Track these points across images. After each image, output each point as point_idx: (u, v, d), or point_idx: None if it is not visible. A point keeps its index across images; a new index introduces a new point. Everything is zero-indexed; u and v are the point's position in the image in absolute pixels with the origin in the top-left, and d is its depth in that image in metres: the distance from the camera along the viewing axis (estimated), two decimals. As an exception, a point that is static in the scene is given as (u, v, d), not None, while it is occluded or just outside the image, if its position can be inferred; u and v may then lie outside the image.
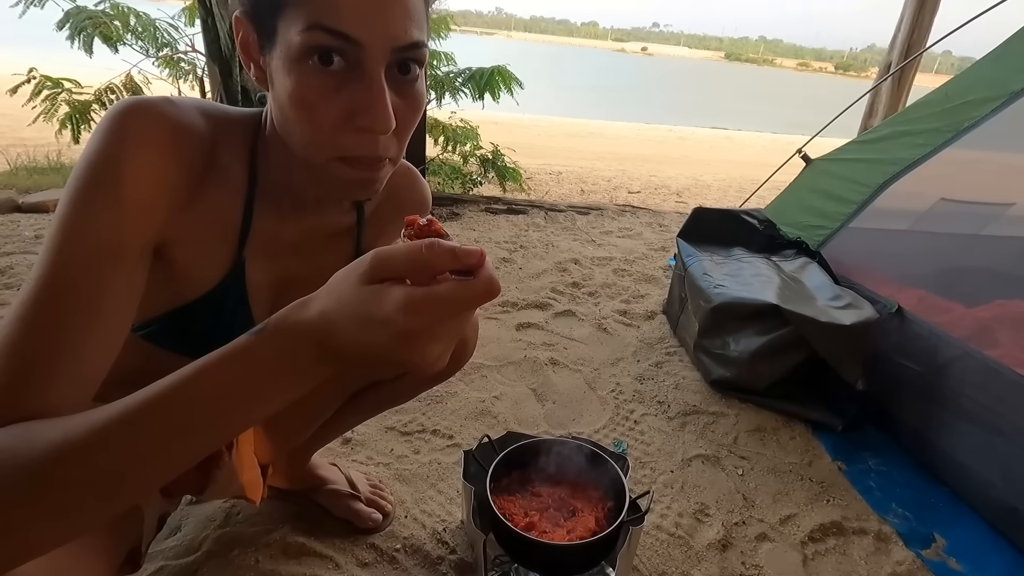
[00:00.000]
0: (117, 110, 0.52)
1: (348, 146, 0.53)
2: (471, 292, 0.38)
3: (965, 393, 1.28)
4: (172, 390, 0.40)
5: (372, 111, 0.50)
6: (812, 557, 1.12)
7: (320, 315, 0.39)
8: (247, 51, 0.55)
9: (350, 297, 0.38)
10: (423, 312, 0.37)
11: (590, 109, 12.96)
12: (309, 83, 0.50)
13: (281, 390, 0.42)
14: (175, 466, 0.42)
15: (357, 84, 0.50)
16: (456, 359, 0.90)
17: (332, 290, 0.40)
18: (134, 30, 3.14)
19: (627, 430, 1.45)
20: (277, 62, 0.51)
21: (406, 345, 0.38)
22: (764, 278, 1.69)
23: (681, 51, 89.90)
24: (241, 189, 0.62)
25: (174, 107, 0.55)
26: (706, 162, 6.94)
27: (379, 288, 0.38)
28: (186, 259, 0.61)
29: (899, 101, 3.91)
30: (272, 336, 0.40)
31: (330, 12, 0.48)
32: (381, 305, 0.37)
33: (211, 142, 0.58)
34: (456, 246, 0.39)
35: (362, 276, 0.39)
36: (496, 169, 3.73)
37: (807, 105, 20.63)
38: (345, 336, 0.39)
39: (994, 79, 1.60)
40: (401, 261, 0.38)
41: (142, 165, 0.52)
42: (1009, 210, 1.74)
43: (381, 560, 1.01)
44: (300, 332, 0.40)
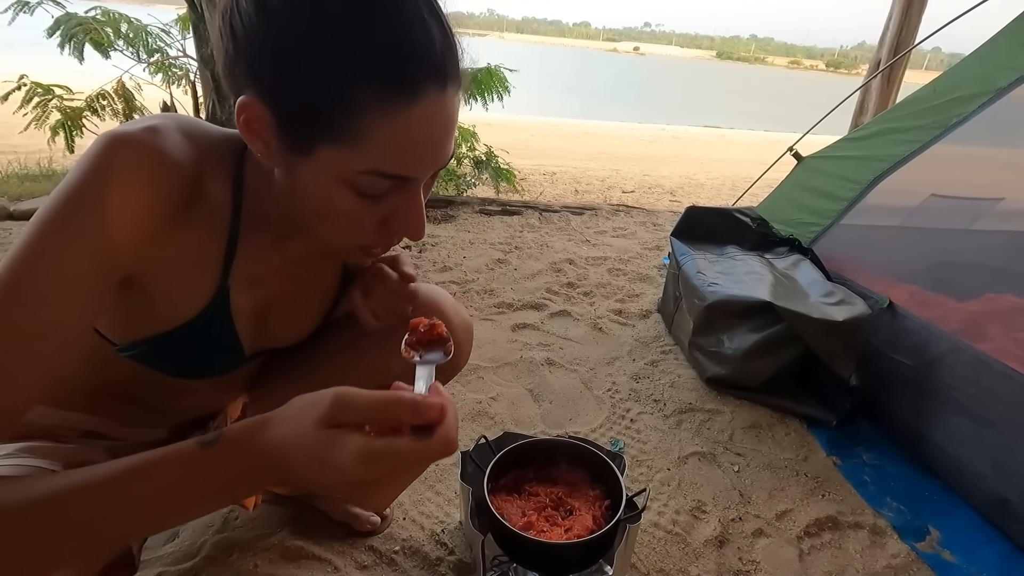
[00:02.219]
0: (100, 144, 0.51)
1: (373, 241, 0.56)
2: (426, 452, 0.39)
3: (956, 386, 1.29)
4: (109, 480, 0.41)
5: (412, 226, 0.54)
6: (808, 552, 1.13)
7: (277, 444, 0.40)
8: (252, 132, 0.51)
9: (308, 437, 0.39)
10: (377, 465, 0.38)
11: (583, 109, 12.99)
12: (350, 204, 0.51)
13: (224, 500, 0.43)
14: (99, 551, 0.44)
15: (397, 199, 0.52)
16: (450, 368, 0.90)
17: (292, 421, 0.41)
18: (125, 36, 3.13)
19: (623, 429, 1.45)
20: (307, 171, 0.50)
21: (356, 492, 0.40)
22: (757, 276, 1.71)
23: (673, 50, 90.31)
24: (225, 217, 0.60)
25: (158, 138, 0.54)
26: (699, 161, 6.97)
27: (336, 434, 0.39)
28: (167, 288, 0.60)
29: (889, 98, 3.93)
30: (225, 451, 0.41)
31: (391, 161, 0.49)
32: (337, 452, 0.38)
33: (196, 170, 0.57)
34: (420, 400, 0.40)
35: (322, 418, 0.39)
36: (490, 170, 3.74)
37: (799, 103, 20.74)
38: (297, 470, 0.40)
39: (981, 75, 1.62)
40: (363, 410, 0.39)
41: (112, 202, 0.51)
42: (998, 205, 1.75)
43: (380, 562, 1.02)
44: (254, 454, 0.41)
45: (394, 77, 0.46)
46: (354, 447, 0.38)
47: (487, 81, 3.49)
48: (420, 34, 0.47)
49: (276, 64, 0.47)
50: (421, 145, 0.50)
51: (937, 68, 13.85)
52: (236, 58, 0.49)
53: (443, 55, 0.49)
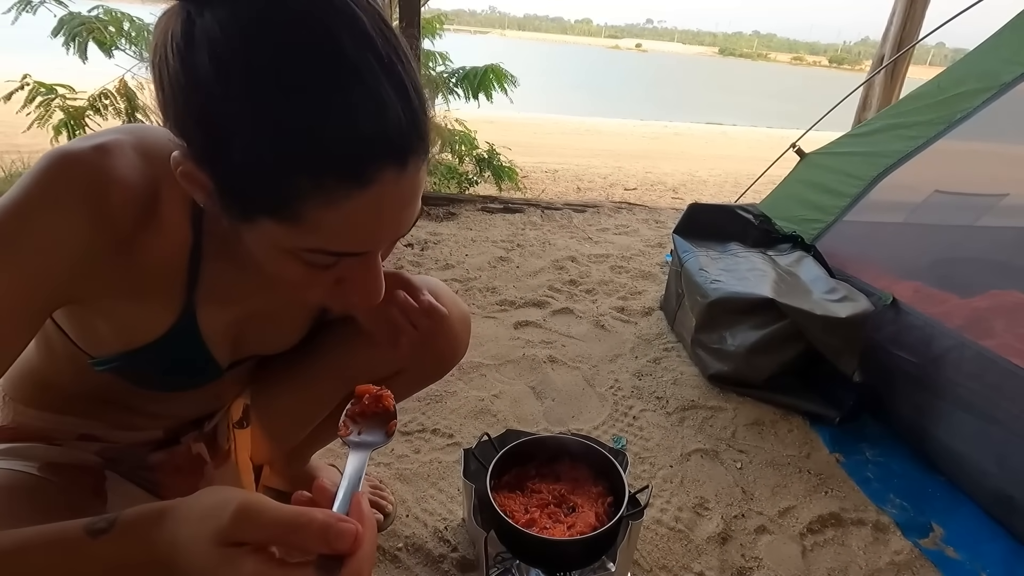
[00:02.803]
0: (46, 162, 0.49)
1: (328, 300, 0.52)
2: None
3: (960, 383, 1.29)
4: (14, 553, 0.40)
5: (366, 292, 0.50)
6: (811, 548, 1.13)
7: (169, 544, 0.38)
8: (191, 183, 0.46)
9: (201, 549, 0.36)
10: None
11: (585, 107, 12.96)
12: (300, 272, 0.48)
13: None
14: None
15: (351, 265, 0.49)
16: (448, 358, 0.90)
17: (191, 524, 0.38)
18: (127, 35, 3.13)
19: (626, 426, 1.45)
20: (247, 233, 0.47)
21: None
22: (760, 272, 1.70)
23: (675, 47, 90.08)
24: (184, 237, 0.57)
25: (107, 159, 0.50)
26: (702, 158, 6.95)
27: (231, 555, 0.36)
28: (125, 310, 0.57)
29: (892, 94, 3.92)
30: (115, 541, 0.40)
31: (340, 242, 0.46)
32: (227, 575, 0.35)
33: (149, 190, 0.53)
34: (331, 525, 0.36)
35: (220, 533, 0.36)
36: (492, 168, 3.74)
37: (802, 99, 20.66)
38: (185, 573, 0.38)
39: (986, 70, 1.61)
40: (266, 528, 0.36)
41: (60, 228, 0.48)
42: (1003, 200, 1.75)
43: (383, 559, 1.02)
44: (144, 548, 0.39)
45: (341, 165, 0.42)
46: (246, 574, 0.35)
47: (487, 81, 3.49)
48: (376, 113, 0.42)
49: (206, 134, 0.43)
50: (372, 227, 0.46)
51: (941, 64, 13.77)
52: (165, 110, 0.44)
53: (404, 134, 0.44)
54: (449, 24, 3.99)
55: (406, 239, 2.57)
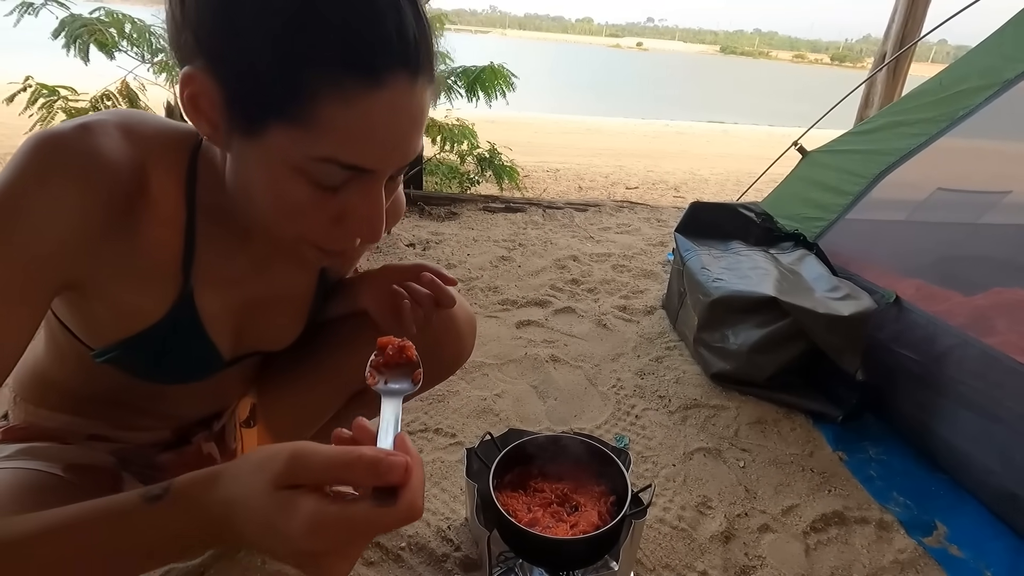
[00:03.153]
0: (28, 145, 0.48)
1: (328, 241, 0.51)
2: (385, 520, 0.35)
3: (963, 381, 1.29)
4: (51, 532, 0.39)
5: (368, 226, 0.49)
6: (814, 547, 1.13)
7: (225, 503, 0.37)
8: (198, 109, 0.47)
9: (258, 499, 0.36)
10: (329, 534, 0.34)
11: (586, 106, 12.95)
12: (299, 194, 0.47)
13: (166, 555, 0.41)
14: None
15: (353, 194, 0.48)
16: (453, 359, 0.91)
17: (244, 480, 0.37)
18: (129, 36, 3.14)
19: (628, 425, 1.45)
20: (255, 153, 0.47)
21: (305, 562, 0.36)
22: (762, 271, 1.70)
23: (676, 45, 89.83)
24: (177, 216, 0.57)
25: (91, 137, 0.50)
26: (703, 156, 6.94)
27: (289, 497, 0.35)
28: (123, 292, 0.57)
29: (894, 91, 3.91)
30: (169, 508, 0.39)
31: (349, 150, 0.45)
32: (287, 520, 0.35)
33: (137, 169, 0.53)
34: (381, 459, 0.36)
35: (275, 478, 0.36)
36: (493, 168, 3.73)
37: (803, 97, 20.61)
38: (245, 534, 0.37)
39: (988, 67, 1.60)
40: (318, 468, 0.36)
41: (49, 209, 0.48)
42: (1006, 198, 1.74)
43: (387, 559, 1.02)
44: (199, 512, 0.38)
45: (358, 61, 0.43)
46: (306, 513, 0.34)
47: (490, 78, 3.48)
48: (392, 15, 0.43)
49: (226, 34, 0.43)
50: (383, 136, 0.46)
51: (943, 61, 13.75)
52: (183, 25, 0.45)
53: (416, 43, 0.45)
54: (450, 24, 3.98)
55: (407, 238, 2.57)
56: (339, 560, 0.36)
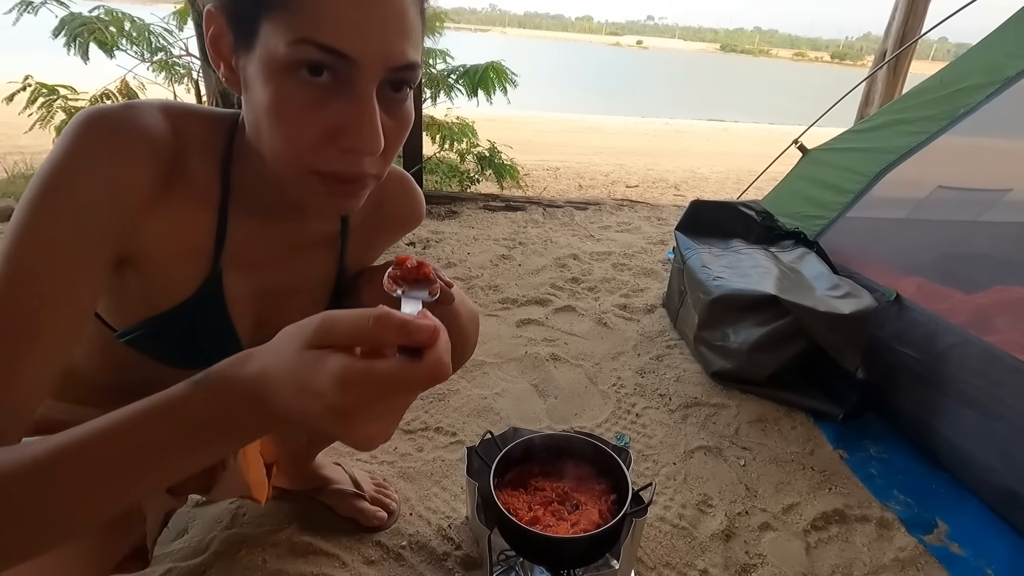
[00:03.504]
0: (75, 122, 0.51)
1: (327, 162, 0.50)
2: (413, 376, 0.35)
3: (965, 379, 1.29)
4: (101, 435, 0.40)
5: (360, 132, 0.48)
6: (815, 545, 1.13)
7: (260, 372, 0.38)
8: (217, 49, 0.51)
9: (289, 360, 0.37)
10: (358, 389, 0.35)
11: (586, 104, 12.94)
12: (291, 96, 0.47)
13: (216, 443, 0.41)
14: (105, 510, 0.41)
15: (345, 101, 0.48)
16: (457, 357, 0.91)
17: (276, 348, 0.39)
18: (128, 35, 3.13)
19: (629, 423, 1.45)
20: (255, 67, 0.48)
21: (338, 421, 0.36)
22: (762, 269, 1.70)
23: (676, 44, 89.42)
24: (212, 198, 0.59)
25: (135, 114, 0.53)
26: (703, 154, 6.94)
27: (318, 355, 0.36)
28: (155, 270, 0.59)
29: (895, 89, 3.90)
30: (209, 389, 0.39)
31: (325, 28, 0.45)
32: (317, 375, 0.35)
33: (177, 148, 0.56)
34: (409, 320, 0.36)
35: (306, 340, 0.37)
36: (493, 166, 3.73)
37: (803, 95, 20.59)
38: (280, 399, 0.37)
39: (989, 65, 1.60)
40: (346, 329, 0.36)
41: (95, 179, 0.50)
42: (1006, 196, 1.74)
43: (387, 557, 1.02)
44: (237, 387, 0.39)
45: None
46: (334, 368, 0.35)
47: (490, 77, 3.48)
48: None
49: None
50: (357, 16, 0.45)
51: (944, 59, 13.70)
52: None
53: None
54: (450, 22, 3.98)
55: (408, 238, 2.57)
56: (372, 420, 0.36)
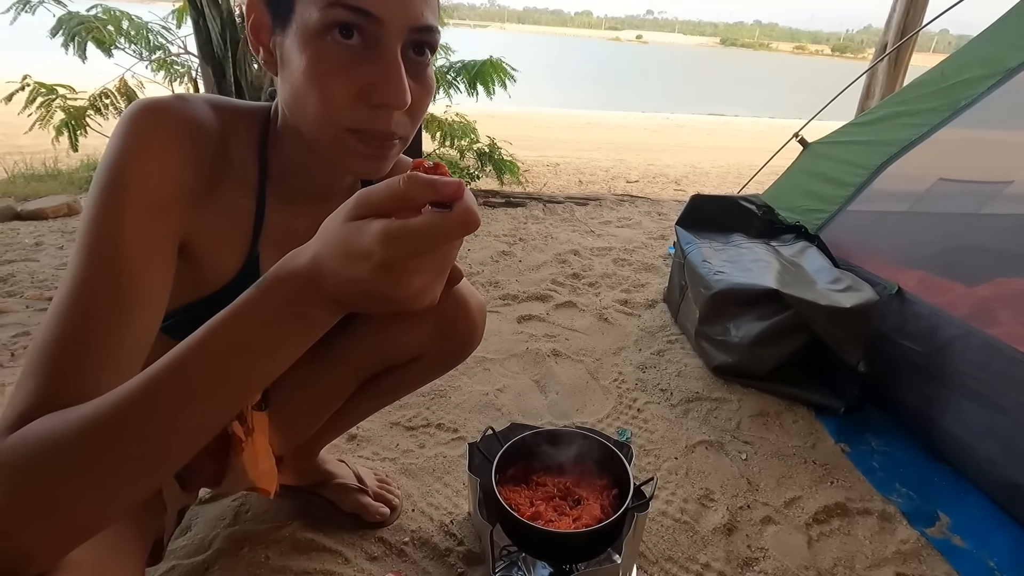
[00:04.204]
0: (132, 112, 0.54)
1: (361, 119, 0.54)
2: (448, 223, 0.38)
3: (966, 372, 1.29)
4: (187, 353, 0.42)
5: (388, 85, 0.52)
6: (817, 538, 1.13)
7: (311, 259, 0.40)
8: (258, 35, 0.56)
9: (334, 235, 0.40)
10: (400, 243, 0.37)
11: (586, 100, 12.91)
12: (326, 57, 0.51)
13: (287, 340, 0.42)
14: (203, 428, 0.43)
15: (373, 61, 0.52)
16: (467, 342, 0.92)
17: (321, 234, 0.41)
18: (127, 34, 3.13)
19: (630, 419, 1.45)
20: (292, 40, 0.53)
21: (387, 277, 0.38)
22: (763, 263, 1.70)
23: (676, 38, 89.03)
24: (252, 182, 0.64)
25: (187, 104, 0.57)
26: (704, 149, 6.92)
27: (360, 223, 0.39)
28: (204, 253, 0.62)
29: (896, 81, 3.89)
30: (269, 286, 0.42)
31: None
32: (360, 239, 0.38)
33: (222, 136, 0.60)
34: (436, 178, 0.39)
35: (346, 215, 0.40)
36: (493, 162, 3.73)
37: (804, 88, 20.52)
38: (333, 275, 0.39)
39: (990, 56, 1.59)
40: (381, 196, 0.39)
41: (159, 165, 0.54)
42: (1008, 188, 1.73)
43: (390, 553, 1.03)
44: (294, 278, 0.41)
45: None
46: (376, 228, 0.38)
47: (489, 73, 3.47)
48: None
49: None
50: None
51: (945, 51, 13.65)
52: None
53: None
54: (448, 18, 3.97)
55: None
56: (418, 272, 0.39)
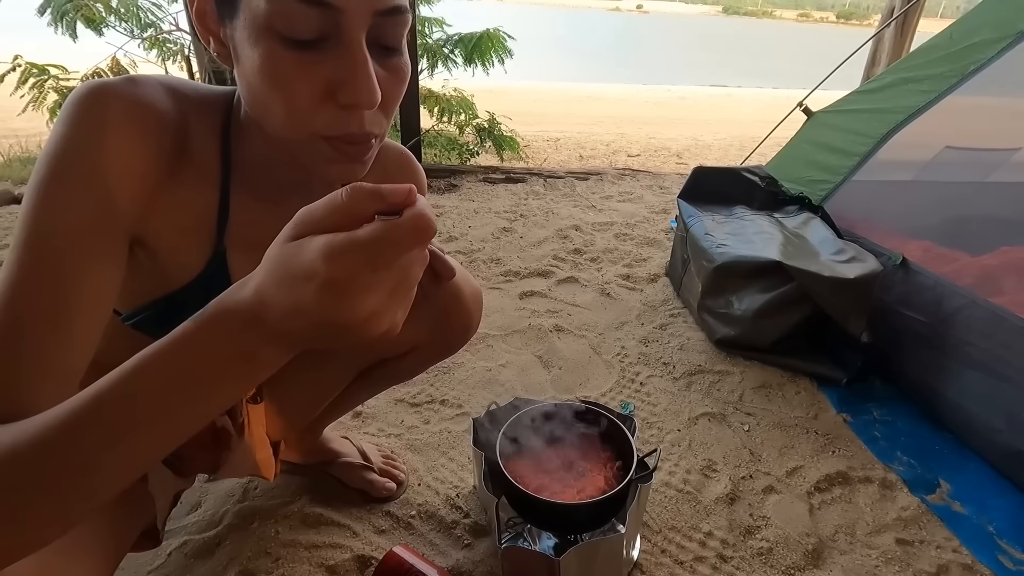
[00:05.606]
0: (76, 96, 0.49)
1: (331, 124, 0.49)
2: (397, 231, 0.34)
3: (971, 341, 1.28)
4: (116, 385, 0.38)
5: (355, 84, 0.46)
6: (818, 506, 1.15)
7: (254, 289, 0.36)
8: (204, 22, 0.49)
9: (274, 260, 0.36)
10: (345, 257, 0.33)
11: (586, 72, 12.70)
12: (281, 56, 0.45)
13: (231, 378, 0.38)
14: (134, 465, 0.39)
15: (336, 55, 0.46)
16: (461, 333, 0.91)
17: (264, 260, 0.37)
18: (116, 11, 3.07)
19: (633, 392, 1.46)
20: (241, 33, 0.46)
21: (333, 298, 0.34)
22: (767, 235, 1.68)
23: (677, 7, 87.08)
24: (215, 174, 0.58)
25: (137, 87, 0.52)
26: (706, 121, 6.83)
27: (300, 242, 0.35)
28: (163, 250, 0.58)
29: (902, 48, 3.81)
30: (210, 321, 0.37)
31: None
32: (301, 258, 0.34)
33: (180, 124, 0.55)
34: (382, 186, 0.35)
35: (286, 235, 0.36)
36: (493, 138, 3.68)
37: (809, 57, 20.14)
38: (276, 306, 0.35)
39: (1001, 19, 1.55)
40: (321, 210, 0.35)
41: (106, 153, 0.49)
42: (1015, 155, 1.71)
43: (398, 527, 1.04)
44: (236, 313, 0.37)
45: None
46: (317, 244, 0.34)
47: (487, 45, 3.41)
48: None
49: None
50: None
51: (952, 16, 13.37)
52: None
53: None
54: (444, -10, 3.87)
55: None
56: (368, 291, 0.34)
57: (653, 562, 1.00)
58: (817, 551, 1.04)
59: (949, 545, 1.08)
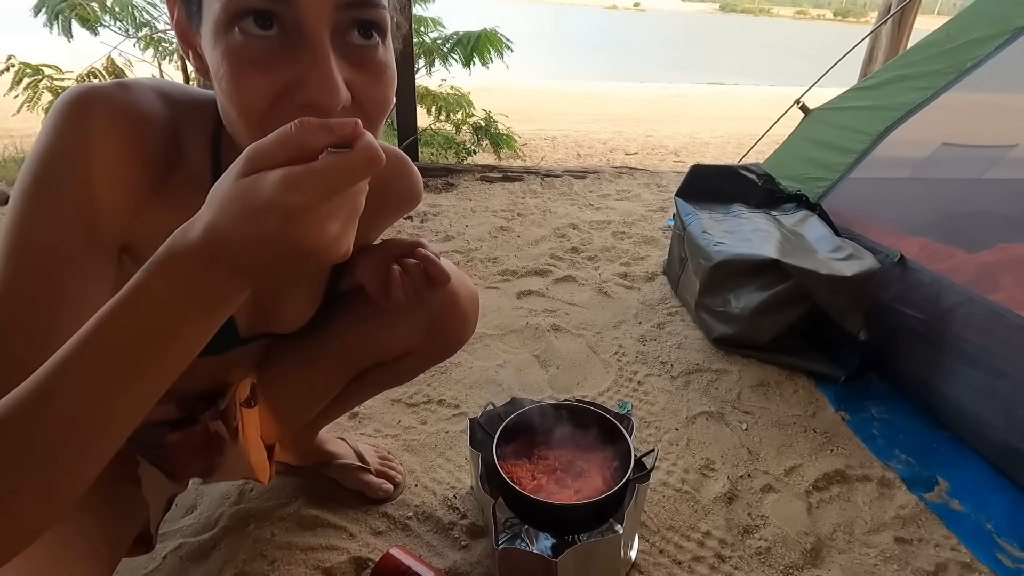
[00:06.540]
0: (63, 102, 0.48)
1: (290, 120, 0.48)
2: (350, 161, 0.35)
3: (968, 338, 1.28)
4: (79, 348, 0.38)
5: (312, 81, 0.43)
6: (817, 505, 1.15)
7: (206, 228, 0.36)
8: (183, 36, 0.48)
9: (229, 196, 0.36)
10: (306, 187, 0.34)
11: (583, 70, 12.68)
12: (236, 54, 0.43)
13: (192, 319, 0.38)
14: (115, 423, 0.39)
15: (296, 53, 0.43)
16: (458, 337, 0.90)
17: (210, 201, 0.37)
18: (111, 11, 3.05)
19: (631, 391, 1.46)
20: (206, 40, 0.45)
21: (297, 227, 0.35)
22: (764, 233, 1.68)
23: (674, 5, 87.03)
24: (205, 180, 0.56)
25: (128, 93, 0.50)
26: (703, 119, 6.83)
27: (255, 177, 0.35)
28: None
29: (899, 45, 3.81)
30: (163, 267, 0.37)
31: None
32: (260, 192, 0.35)
33: (170, 129, 0.53)
34: (330, 120, 0.36)
35: (238, 173, 0.36)
36: (490, 137, 3.68)
37: (806, 54, 20.14)
38: (235, 239, 0.36)
39: (997, 15, 1.55)
40: (272, 145, 0.36)
41: (90, 162, 0.48)
42: (1011, 152, 1.71)
43: (394, 528, 1.04)
44: (188, 255, 0.37)
45: None
46: (275, 176, 0.34)
47: (484, 44, 3.40)
48: None
49: None
50: None
51: (949, 12, 13.35)
52: None
53: None
54: (440, -12, 3.86)
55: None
56: (328, 219, 0.36)
57: (651, 562, 1.00)
58: (816, 550, 1.04)
59: (948, 543, 1.07)
